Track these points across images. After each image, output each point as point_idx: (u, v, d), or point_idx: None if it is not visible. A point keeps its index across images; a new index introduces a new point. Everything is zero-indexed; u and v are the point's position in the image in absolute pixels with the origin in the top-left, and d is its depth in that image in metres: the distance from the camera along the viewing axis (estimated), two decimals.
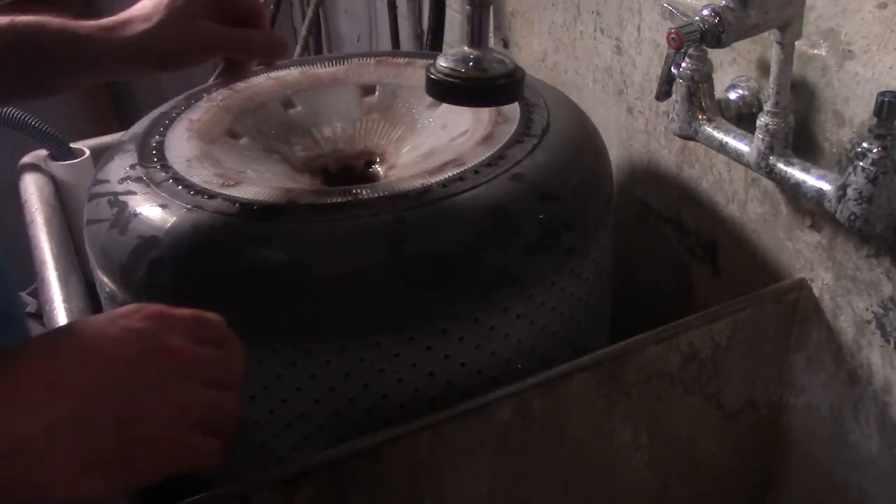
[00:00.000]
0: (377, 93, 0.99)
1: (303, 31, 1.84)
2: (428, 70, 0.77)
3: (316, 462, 0.69)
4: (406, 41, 1.68)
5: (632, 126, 1.05)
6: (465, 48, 0.76)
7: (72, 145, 1.23)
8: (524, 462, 0.78)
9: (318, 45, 2.10)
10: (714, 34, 0.71)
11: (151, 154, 0.84)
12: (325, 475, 0.69)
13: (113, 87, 2.09)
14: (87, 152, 1.22)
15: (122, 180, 0.82)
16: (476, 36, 0.76)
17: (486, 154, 0.81)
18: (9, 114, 1.21)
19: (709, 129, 0.83)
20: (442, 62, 0.76)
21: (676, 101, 0.84)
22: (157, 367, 0.50)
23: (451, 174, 0.78)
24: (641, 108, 1.02)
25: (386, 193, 0.77)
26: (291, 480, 0.68)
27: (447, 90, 0.77)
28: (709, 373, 0.84)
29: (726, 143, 0.81)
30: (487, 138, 0.85)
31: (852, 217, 0.70)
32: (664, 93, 0.86)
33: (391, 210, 0.73)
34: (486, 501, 0.78)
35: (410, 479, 0.73)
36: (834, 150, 0.77)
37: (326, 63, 1.04)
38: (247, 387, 0.74)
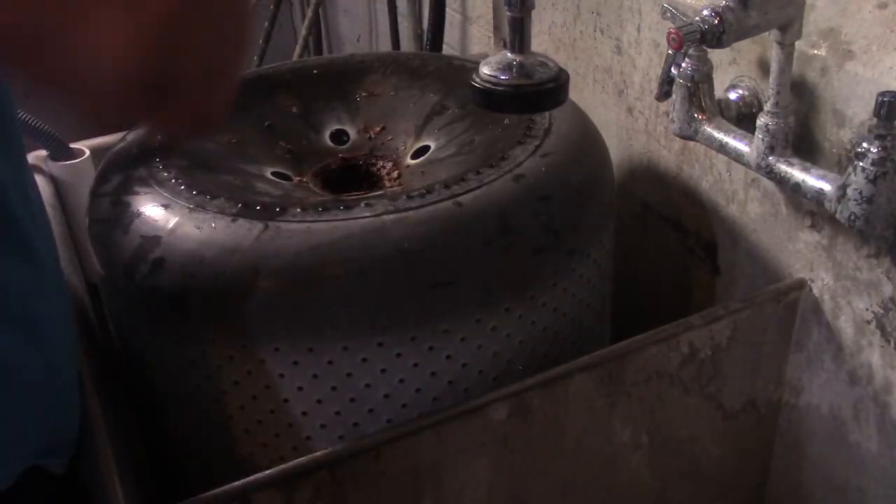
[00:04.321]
0: (382, 95, 0.99)
1: (303, 31, 1.84)
2: (472, 79, 0.76)
3: (316, 462, 0.69)
4: (406, 41, 1.69)
5: (632, 126, 1.05)
6: (507, 54, 0.76)
7: (72, 145, 1.23)
8: (524, 462, 0.78)
9: (318, 45, 2.10)
10: (714, 34, 0.71)
11: (153, 153, 0.85)
12: (325, 475, 0.69)
13: None
14: (87, 152, 1.22)
15: (124, 180, 0.82)
16: (518, 42, 0.76)
17: (487, 155, 0.81)
18: None
19: (709, 129, 0.83)
20: (485, 70, 0.76)
21: (676, 101, 0.84)
22: None
23: (452, 175, 0.78)
24: (641, 108, 1.03)
25: (388, 194, 0.77)
26: (291, 480, 0.68)
27: (494, 99, 0.76)
28: (709, 373, 0.84)
29: (726, 143, 0.82)
30: (489, 139, 0.85)
31: (852, 217, 0.70)
32: (664, 93, 0.86)
33: (393, 210, 0.73)
34: (486, 501, 0.78)
35: (410, 479, 0.73)
36: (834, 151, 0.77)
37: (329, 64, 1.04)
38: (248, 387, 0.74)
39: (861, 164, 0.67)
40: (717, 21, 0.70)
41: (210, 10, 0.41)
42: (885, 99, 0.64)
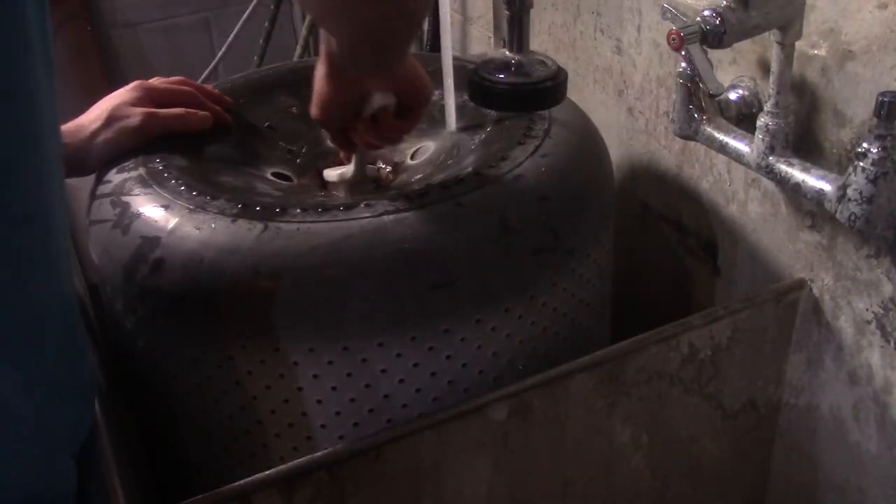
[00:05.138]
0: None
1: (303, 31, 1.84)
2: (471, 78, 0.76)
3: (316, 462, 0.69)
4: None
5: (632, 126, 1.05)
6: (506, 52, 0.75)
7: None
8: (524, 462, 0.78)
9: (318, 45, 2.10)
10: (716, 35, 0.71)
11: (153, 154, 0.85)
12: (325, 475, 0.69)
13: (113, 87, 2.09)
14: None
15: (124, 181, 0.82)
16: (516, 40, 0.76)
17: (487, 155, 0.81)
18: None
19: (709, 130, 0.83)
20: (484, 69, 0.76)
21: (676, 101, 0.84)
22: None
23: (452, 175, 0.78)
24: (641, 108, 1.03)
25: (388, 194, 0.77)
26: (291, 480, 0.68)
27: (492, 97, 0.76)
28: (709, 373, 0.84)
29: (726, 143, 0.82)
30: (489, 139, 0.85)
31: (852, 217, 0.70)
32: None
33: (393, 211, 0.73)
34: (485, 501, 0.78)
35: (410, 479, 0.73)
36: (834, 151, 0.77)
37: None
38: (249, 387, 0.74)
39: (861, 164, 0.67)
40: (718, 21, 0.70)
41: None
42: (885, 99, 0.64)
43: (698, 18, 0.71)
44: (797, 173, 0.76)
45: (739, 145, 0.80)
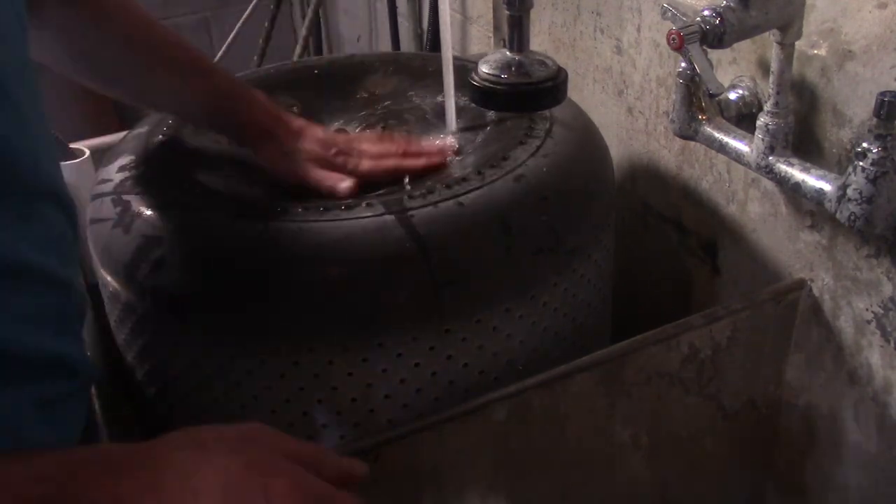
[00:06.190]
0: (382, 95, 0.99)
1: (303, 31, 1.84)
2: (471, 78, 0.76)
3: None
4: (406, 41, 1.69)
5: (632, 126, 1.05)
6: (506, 52, 0.75)
7: (72, 145, 1.23)
8: (524, 462, 0.78)
9: (318, 45, 2.10)
10: (716, 34, 0.71)
11: (154, 153, 0.85)
12: None
13: None
14: (87, 152, 1.22)
15: (125, 180, 0.82)
16: (516, 40, 0.76)
17: (488, 155, 0.81)
18: None
19: (709, 130, 0.83)
20: (484, 69, 0.76)
21: (676, 101, 0.84)
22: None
23: (454, 175, 0.78)
24: (641, 108, 1.03)
25: (389, 194, 0.77)
26: None
27: (492, 98, 0.75)
28: (709, 373, 0.84)
29: (726, 143, 0.82)
30: (490, 139, 0.85)
31: (852, 217, 0.70)
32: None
33: (394, 210, 0.73)
34: (485, 502, 0.78)
35: (410, 479, 0.73)
36: (834, 151, 0.77)
37: (330, 64, 1.04)
38: (249, 387, 0.74)
39: (861, 164, 0.68)
40: (718, 21, 0.70)
41: None
42: (885, 99, 0.64)
43: (698, 18, 0.71)
44: (797, 173, 0.76)
45: (739, 145, 0.80)
